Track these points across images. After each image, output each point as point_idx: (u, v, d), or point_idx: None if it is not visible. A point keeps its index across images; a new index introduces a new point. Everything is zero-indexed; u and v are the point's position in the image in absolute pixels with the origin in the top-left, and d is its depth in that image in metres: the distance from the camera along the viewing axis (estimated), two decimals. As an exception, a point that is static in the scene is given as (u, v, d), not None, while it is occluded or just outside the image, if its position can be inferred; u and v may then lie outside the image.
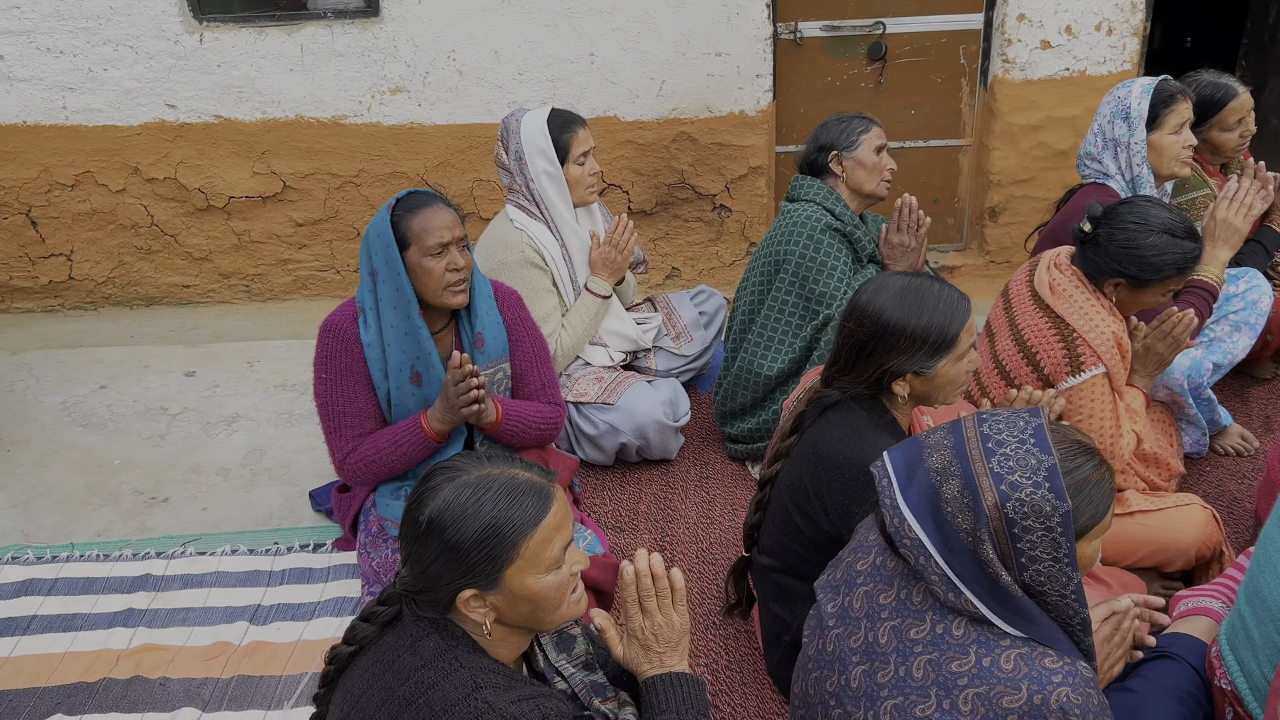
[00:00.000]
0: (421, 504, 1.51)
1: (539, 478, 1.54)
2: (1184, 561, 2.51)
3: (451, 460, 1.57)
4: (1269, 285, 3.15)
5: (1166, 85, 2.97)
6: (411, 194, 2.42)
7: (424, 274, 2.39)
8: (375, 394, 2.48)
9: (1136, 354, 2.65)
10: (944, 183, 4.73)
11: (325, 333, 2.48)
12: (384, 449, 2.45)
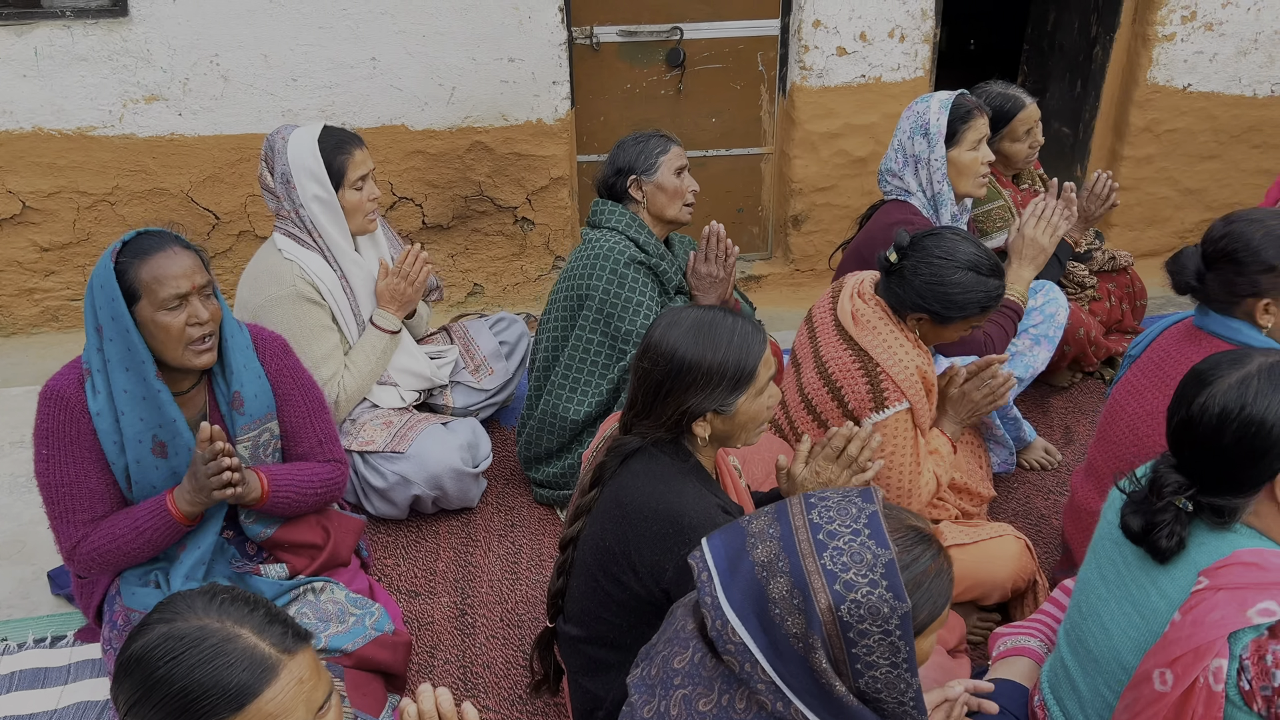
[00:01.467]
0: (130, 640, 1.24)
1: (269, 648, 1.26)
2: (1000, 594, 2.46)
3: (184, 596, 1.28)
4: (1064, 297, 3.19)
5: (964, 101, 2.93)
6: (141, 235, 2.05)
7: (159, 331, 2.03)
8: (110, 471, 2.11)
9: (951, 399, 2.59)
10: (748, 192, 4.65)
11: (45, 401, 2.09)
12: (122, 535, 2.09)
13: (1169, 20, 4.37)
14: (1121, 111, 4.62)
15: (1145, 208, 4.76)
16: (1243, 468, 1.58)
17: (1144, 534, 1.66)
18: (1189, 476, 1.64)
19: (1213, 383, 1.61)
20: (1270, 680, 1.49)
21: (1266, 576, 1.53)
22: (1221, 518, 1.61)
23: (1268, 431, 1.55)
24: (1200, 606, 1.56)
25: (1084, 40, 4.70)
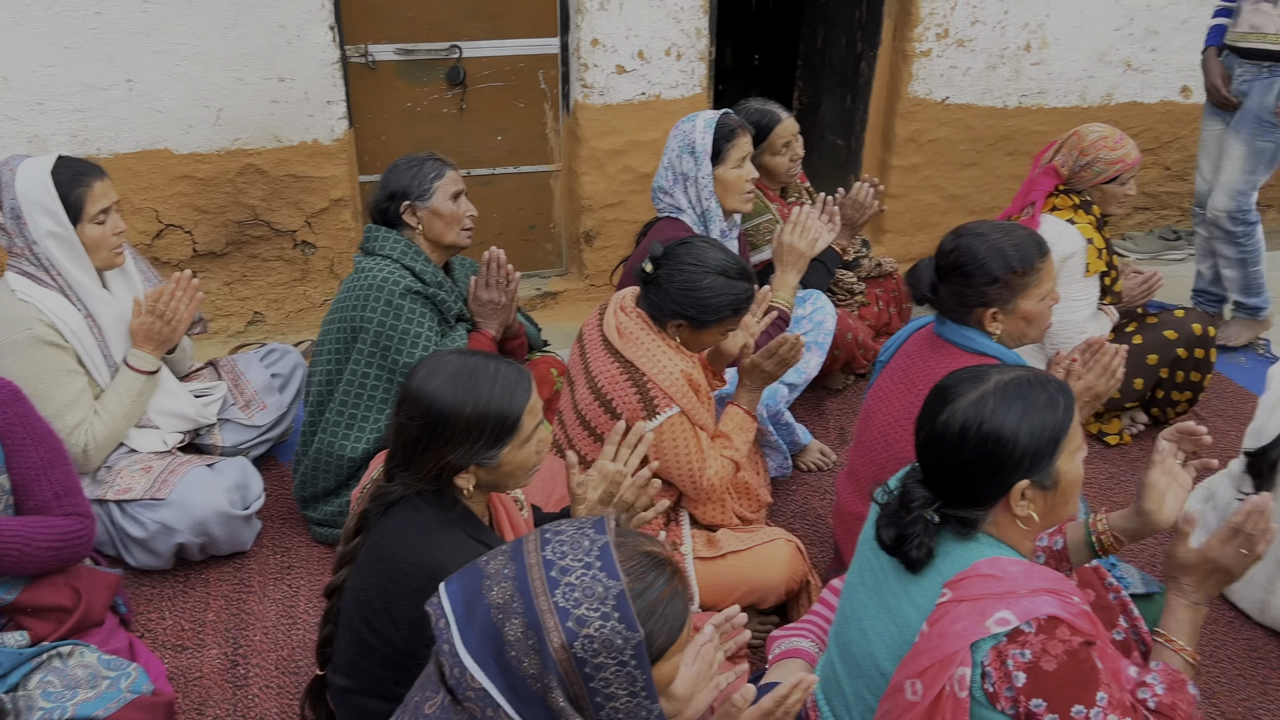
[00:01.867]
0: None
1: None
2: (776, 597, 2.54)
3: None
4: (832, 305, 3.33)
5: (728, 120, 3.02)
6: None
7: None
8: None
9: (745, 369, 2.65)
10: (539, 209, 4.65)
11: None
12: None
13: (925, 37, 4.65)
14: (888, 123, 4.88)
15: (914, 214, 5.04)
16: (982, 481, 1.66)
17: (896, 545, 1.74)
18: (935, 490, 1.71)
19: (954, 400, 1.68)
20: (1013, 682, 1.58)
21: (1003, 586, 1.62)
22: (965, 528, 1.70)
23: (1004, 446, 1.63)
24: (944, 619, 1.64)
25: (851, 56, 4.93)
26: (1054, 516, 1.72)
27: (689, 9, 4.27)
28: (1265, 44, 3.65)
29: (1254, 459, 2.58)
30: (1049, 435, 1.64)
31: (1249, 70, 3.71)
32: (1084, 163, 3.13)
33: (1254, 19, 3.66)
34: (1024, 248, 2.18)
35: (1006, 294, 2.19)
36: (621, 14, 4.18)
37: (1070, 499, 1.71)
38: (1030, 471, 1.64)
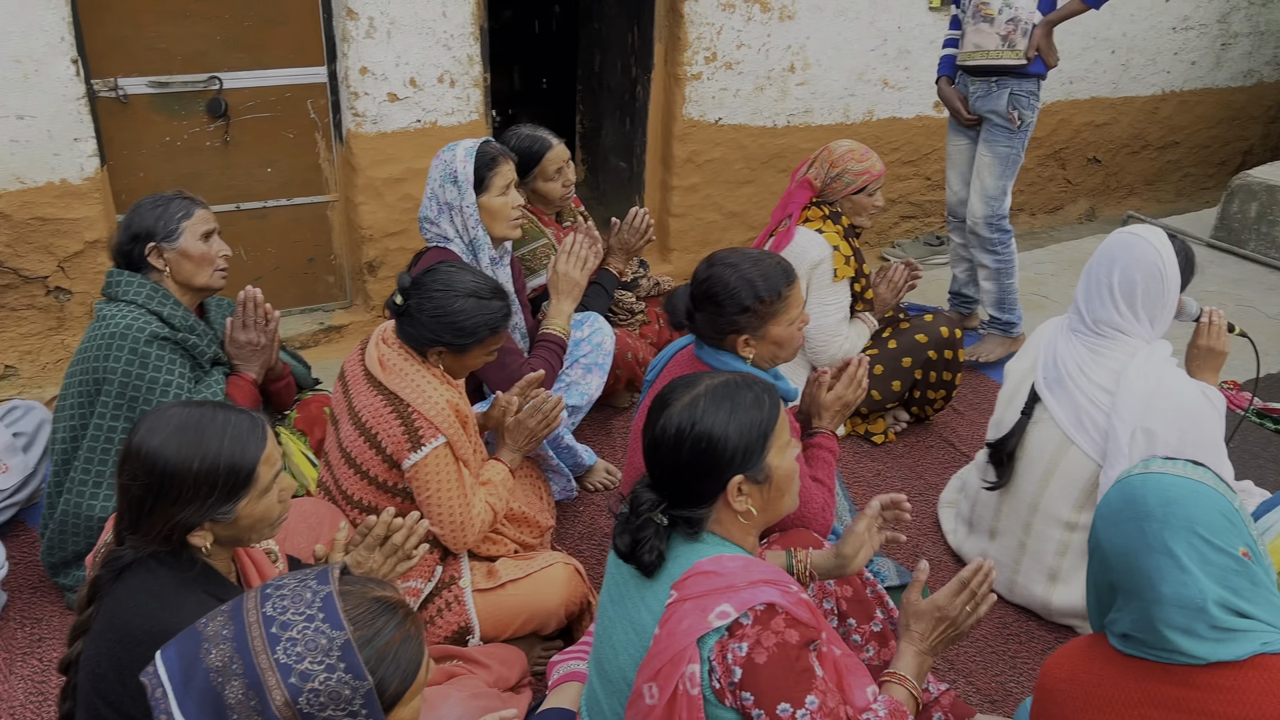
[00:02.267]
0: None
1: None
2: (557, 621, 2.55)
3: None
4: (610, 327, 3.38)
5: (488, 148, 3.02)
6: None
7: None
8: None
9: (508, 429, 2.65)
10: (318, 240, 4.52)
11: None
12: None
13: (695, 61, 4.80)
14: (666, 145, 5.01)
15: (698, 232, 5.18)
16: (700, 479, 1.75)
17: (631, 552, 1.79)
18: (660, 493, 1.78)
19: (669, 405, 1.78)
20: (732, 677, 1.64)
21: (723, 581, 1.69)
22: (692, 528, 1.77)
23: (716, 445, 1.72)
24: (672, 619, 1.69)
25: (627, 80, 5.04)
26: (773, 510, 1.82)
27: (459, 36, 4.26)
28: (988, 60, 3.92)
29: (994, 449, 2.78)
30: (757, 432, 1.75)
31: (981, 86, 4.00)
32: (834, 174, 3.32)
33: (976, 39, 3.93)
34: (772, 277, 2.28)
35: (757, 322, 2.28)
36: (390, 42, 4.13)
37: (786, 492, 1.82)
38: (743, 467, 1.74)
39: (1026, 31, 3.84)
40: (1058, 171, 6.23)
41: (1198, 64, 6.40)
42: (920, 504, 3.29)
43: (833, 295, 3.31)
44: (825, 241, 3.28)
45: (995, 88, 3.97)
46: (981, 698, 2.57)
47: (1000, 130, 4.01)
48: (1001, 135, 4.02)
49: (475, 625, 2.46)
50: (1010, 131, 4.00)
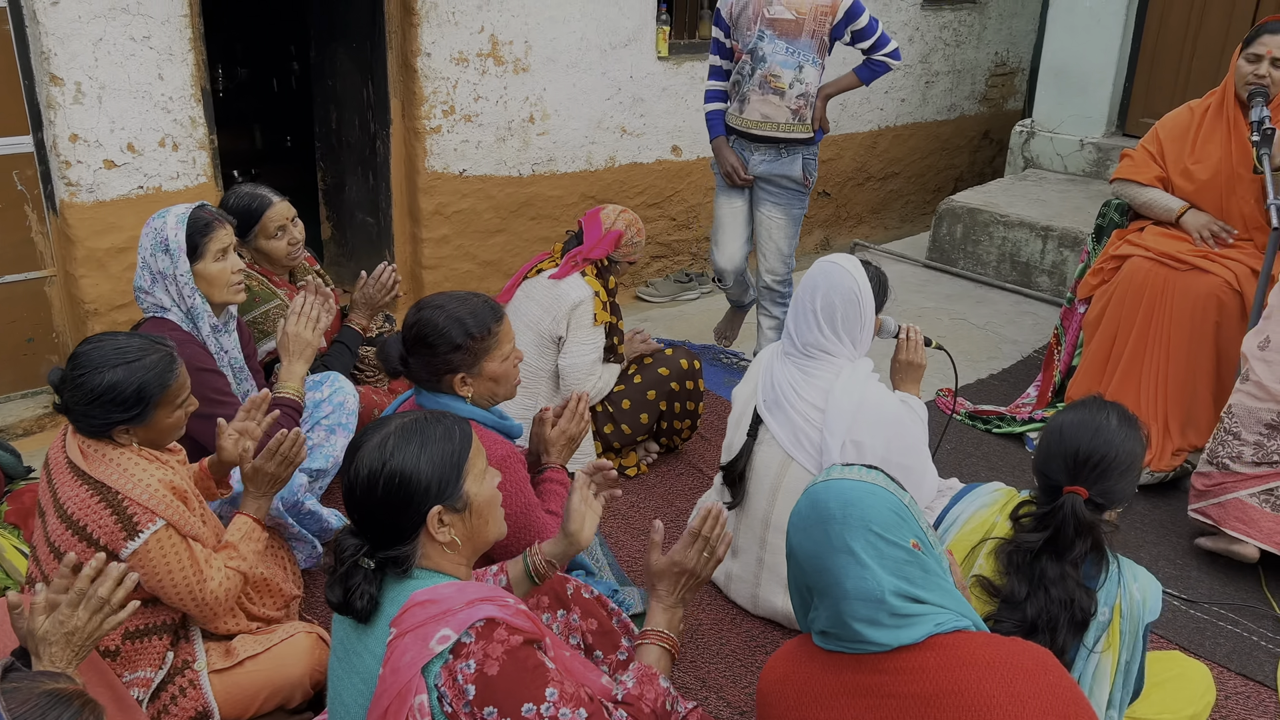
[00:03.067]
0: None
1: None
2: (303, 693, 2.48)
3: None
4: (351, 385, 3.33)
5: (201, 213, 2.93)
6: None
7: None
8: None
9: (247, 476, 2.56)
10: (37, 319, 4.22)
11: None
12: None
13: (433, 114, 4.84)
14: (412, 198, 5.01)
15: (452, 283, 5.19)
16: (398, 517, 1.76)
17: (344, 602, 1.78)
18: (363, 537, 1.79)
19: (360, 448, 1.79)
20: (466, 696, 1.66)
21: (439, 608, 1.72)
22: (400, 567, 1.79)
23: (409, 480, 1.75)
24: (394, 655, 1.70)
25: (366, 136, 5.02)
26: (480, 537, 1.87)
27: (179, 99, 4.12)
28: (779, 133, 4.06)
29: (726, 471, 2.93)
30: (450, 462, 1.79)
31: (770, 153, 4.11)
32: (635, 241, 3.56)
33: (764, 109, 4.04)
34: (480, 314, 2.33)
35: (470, 359, 2.32)
36: (101, 107, 3.95)
37: (490, 518, 1.87)
38: (440, 498, 1.77)
39: (811, 103, 4.04)
40: (793, 205, 6.65)
41: (907, 101, 7.01)
42: (673, 530, 3.40)
43: (590, 336, 3.44)
44: (587, 285, 3.42)
45: (785, 154, 4.11)
46: (732, 710, 2.68)
47: (793, 193, 4.17)
48: (795, 198, 4.18)
49: (214, 708, 2.36)
50: (802, 193, 4.20)
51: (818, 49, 3.99)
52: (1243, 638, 2.98)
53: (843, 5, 3.95)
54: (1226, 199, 3.78)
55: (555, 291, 3.44)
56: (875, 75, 4.12)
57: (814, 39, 3.97)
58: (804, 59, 3.98)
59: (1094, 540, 2.18)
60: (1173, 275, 3.73)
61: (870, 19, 4.00)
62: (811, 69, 4.00)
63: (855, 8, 3.96)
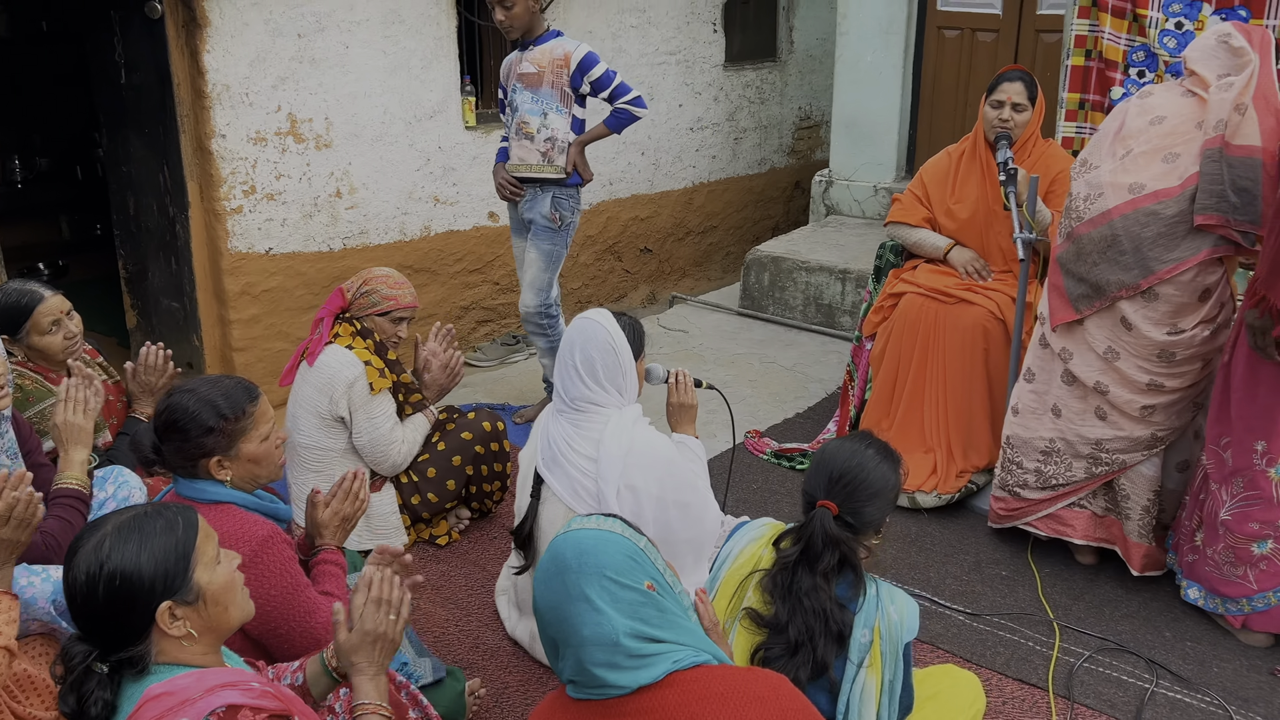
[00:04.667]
0: None
1: None
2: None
3: None
4: (137, 478, 3.24)
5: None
6: None
7: None
8: None
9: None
10: None
11: None
12: None
13: (233, 195, 4.80)
14: (217, 280, 4.93)
15: (266, 362, 5.11)
16: (125, 618, 1.72)
17: (78, 711, 1.73)
18: (92, 642, 1.74)
19: (77, 551, 1.74)
20: None
21: (176, 699, 1.68)
22: (136, 667, 1.75)
23: (131, 580, 1.71)
24: None
25: (165, 221, 4.93)
26: (220, 625, 1.83)
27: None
28: (531, 173, 4.41)
29: (515, 534, 2.97)
30: (175, 554, 1.76)
31: (529, 191, 4.47)
32: (364, 291, 3.50)
33: (520, 153, 4.41)
34: (233, 395, 2.33)
35: (225, 441, 2.31)
36: None
37: (229, 603, 1.84)
38: (168, 593, 1.74)
39: (564, 149, 4.36)
40: (616, 264, 6.81)
41: (718, 157, 7.30)
42: (483, 595, 3.42)
43: (378, 408, 3.43)
44: (356, 358, 3.42)
45: (540, 193, 4.42)
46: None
47: (545, 230, 4.45)
48: (546, 235, 4.45)
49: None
50: (554, 231, 4.44)
51: (560, 98, 4.32)
52: (1020, 644, 3.17)
53: (575, 58, 4.28)
54: (986, 235, 4.08)
55: (326, 373, 3.42)
56: (623, 123, 4.41)
57: (555, 89, 4.30)
58: (548, 106, 4.32)
59: (845, 558, 2.30)
60: (943, 309, 3.99)
61: (606, 71, 4.32)
62: (556, 116, 4.33)
63: (587, 60, 4.29)
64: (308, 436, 3.47)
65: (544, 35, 4.35)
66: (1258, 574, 3.00)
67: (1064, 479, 3.40)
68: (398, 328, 3.54)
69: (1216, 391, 3.09)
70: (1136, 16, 4.13)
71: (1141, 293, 3.12)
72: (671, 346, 5.70)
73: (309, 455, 3.49)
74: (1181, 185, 3.03)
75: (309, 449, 3.48)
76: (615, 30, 6.33)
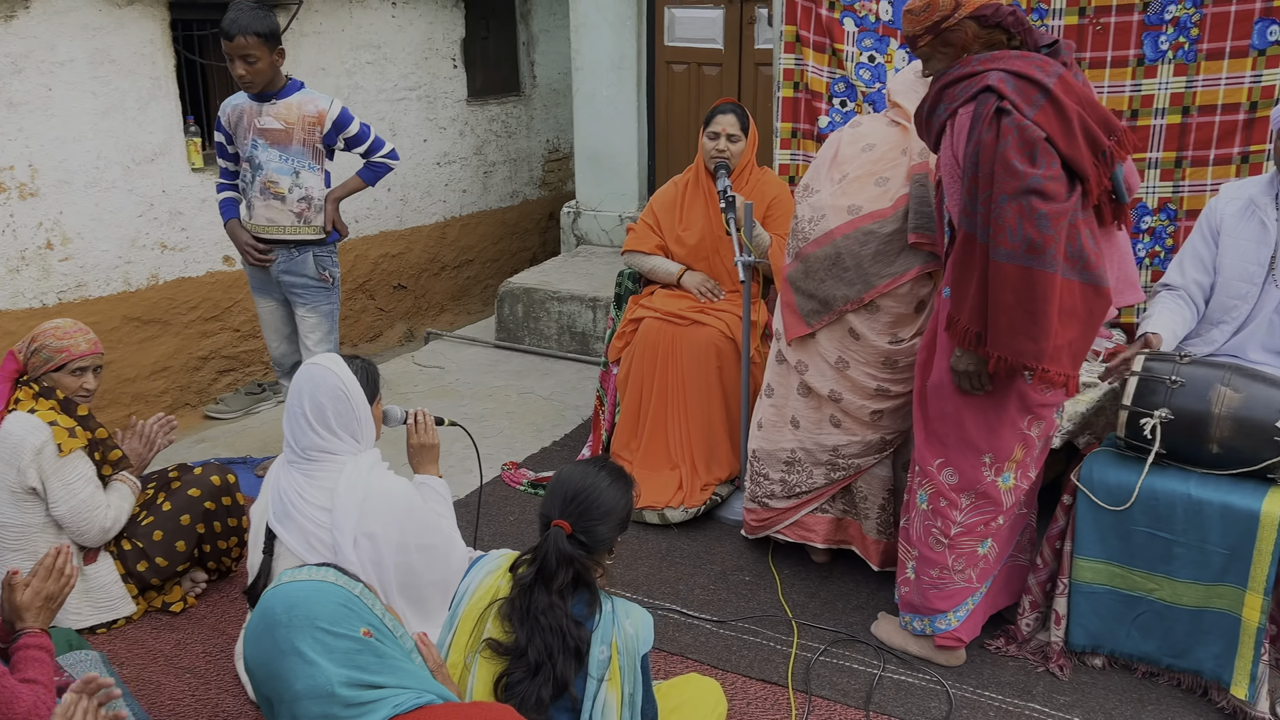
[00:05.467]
0: None
1: None
2: None
3: None
4: None
5: None
6: None
7: None
8: None
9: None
10: None
11: None
12: None
13: (-79, 252, 4.37)
14: (-92, 346, 4.47)
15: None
16: None
17: None
18: None
19: None
20: None
21: None
22: None
23: None
24: None
25: None
26: None
27: None
28: (285, 235, 4.14)
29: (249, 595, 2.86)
30: None
31: (283, 254, 4.18)
32: (35, 349, 3.24)
33: (269, 214, 4.11)
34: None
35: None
36: None
37: None
38: None
39: (320, 208, 4.15)
40: (369, 302, 6.67)
41: (469, 191, 7.30)
42: (223, 660, 3.25)
43: (72, 471, 3.18)
44: (39, 421, 3.16)
45: (298, 253, 4.18)
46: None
47: (317, 291, 4.23)
48: (320, 295, 4.25)
49: None
50: (327, 289, 4.25)
51: (313, 155, 4.13)
52: (762, 645, 3.33)
53: (330, 116, 4.09)
54: (714, 258, 4.29)
55: (9, 443, 3.15)
56: (378, 176, 4.29)
57: (306, 146, 4.10)
58: (299, 165, 4.11)
59: (579, 576, 2.35)
60: (679, 331, 4.16)
61: (362, 126, 4.17)
62: (310, 174, 4.13)
63: (342, 119, 4.12)
64: (1, 514, 3.19)
65: (286, 88, 4.09)
66: (979, 572, 3.17)
67: (806, 486, 3.61)
68: (81, 380, 3.27)
69: (919, 421, 3.18)
70: (835, 51, 4.47)
71: (865, 305, 3.36)
72: (427, 384, 5.64)
73: (6, 534, 3.21)
74: (894, 206, 3.29)
75: (5, 527, 3.20)
76: (350, 67, 6.24)
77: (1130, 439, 3.08)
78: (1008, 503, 3.08)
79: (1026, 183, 2.64)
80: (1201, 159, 4.07)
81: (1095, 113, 2.77)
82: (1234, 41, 3.91)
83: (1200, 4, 3.91)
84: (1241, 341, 3.35)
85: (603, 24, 6.39)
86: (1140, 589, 3.08)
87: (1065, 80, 2.74)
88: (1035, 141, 2.67)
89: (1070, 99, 2.72)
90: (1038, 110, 2.69)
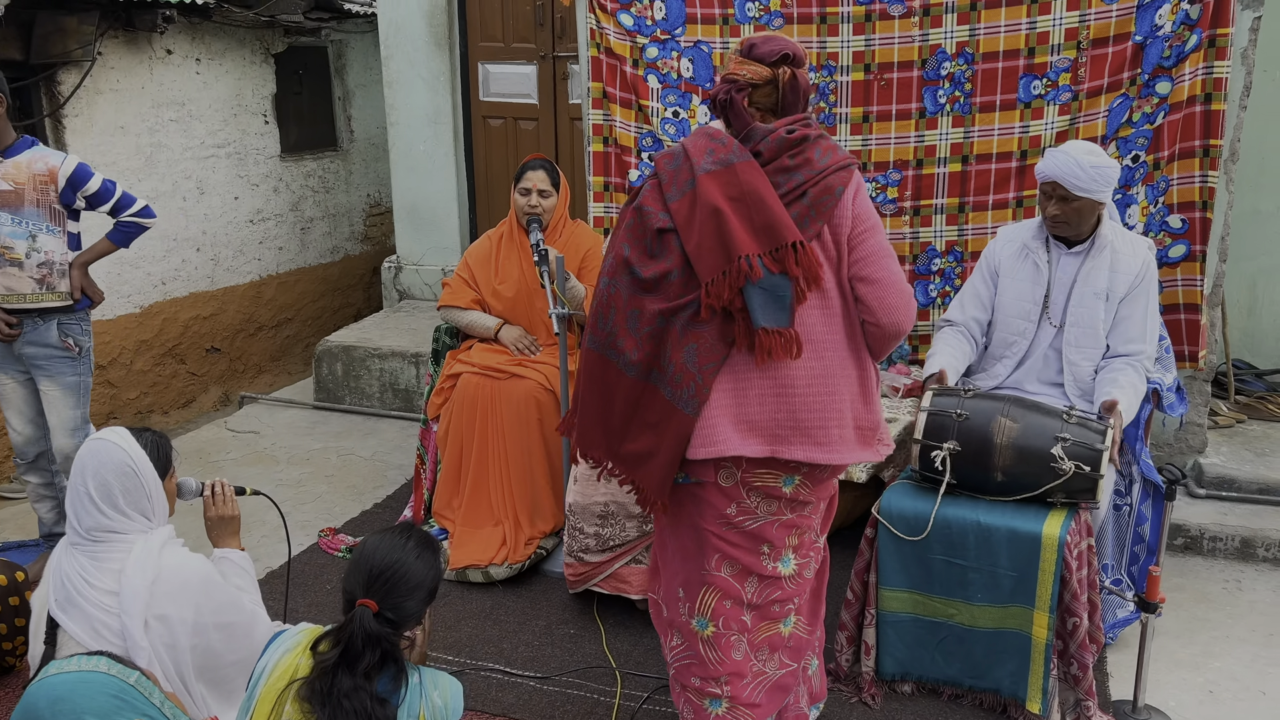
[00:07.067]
0: None
1: None
2: None
3: None
4: None
5: None
6: None
7: None
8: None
9: None
10: None
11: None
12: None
13: None
14: None
15: None
16: None
17: None
18: None
19: None
20: None
21: None
22: None
23: None
24: None
25: None
26: None
27: None
28: (26, 304, 3.80)
29: (29, 687, 2.65)
30: None
31: (30, 322, 3.83)
32: None
33: (6, 282, 3.77)
34: None
35: None
36: None
37: None
38: None
39: (64, 272, 3.84)
40: (179, 367, 6.38)
41: (285, 248, 7.11)
42: (7, 764, 3.01)
43: None
44: None
45: (41, 322, 3.87)
46: None
47: (63, 362, 3.92)
48: (66, 367, 3.93)
49: None
50: (74, 360, 3.94)
51: (50, 216, 3.82)
52: (586, 699, 3.32)
53: (63, 173, 3.80)
54: (531, 311, 4.31)
55: None
56: (130, 236, 4.00)
57: (41, 208, 3.79)
58: (35, 228, 3.79)
59: (387, 653, 2.29)
60: (498, 385, 4.14)
61: (105, 182, 3.88)
62: (48, 237, 3.82)
63: (79, 174, 3.82)
64: None
65: (15, 145, 3.76)
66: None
67: (620, 540, 3.63)
68: None
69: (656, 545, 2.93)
70: (640, 107, 4.60)
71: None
72: (241, 450, 5.42)
73: None
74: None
75: None
76: (153, 125, 6.00)
77: (924, 471, 3.24)
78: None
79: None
80: (982, 204, 4.37)
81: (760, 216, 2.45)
82: (1003, 95, 4.24)
83: (971, 60, 4.22)
84: (1021, 376, 3.59)
85: (416, 79, 6.38)
86: (941, 614, 3.23)
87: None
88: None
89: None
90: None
